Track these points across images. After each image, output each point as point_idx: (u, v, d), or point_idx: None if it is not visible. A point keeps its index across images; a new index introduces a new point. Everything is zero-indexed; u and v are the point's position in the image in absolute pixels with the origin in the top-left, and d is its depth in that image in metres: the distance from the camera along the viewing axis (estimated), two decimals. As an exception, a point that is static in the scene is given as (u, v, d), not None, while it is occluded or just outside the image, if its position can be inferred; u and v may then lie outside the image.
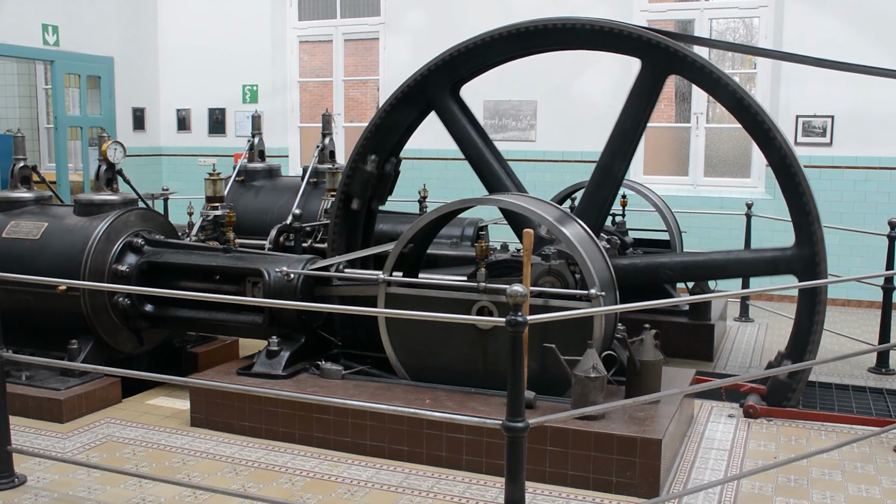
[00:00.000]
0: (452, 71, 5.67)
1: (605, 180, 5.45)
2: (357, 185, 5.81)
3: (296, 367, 5.18)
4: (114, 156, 5.80)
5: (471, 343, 4.78)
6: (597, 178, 5.47)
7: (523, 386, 3.11)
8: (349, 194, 5.83)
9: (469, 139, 5.76)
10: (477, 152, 5.75)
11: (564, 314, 3.51)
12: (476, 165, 5.77)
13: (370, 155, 5.78)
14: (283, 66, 11.82)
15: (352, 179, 5.82)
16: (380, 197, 6.00)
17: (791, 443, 4.88)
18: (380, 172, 5.85)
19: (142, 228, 5.75)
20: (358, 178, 5.80)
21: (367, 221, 6.05)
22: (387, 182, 5.96)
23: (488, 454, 4.36)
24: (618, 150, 5.42)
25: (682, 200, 9.45)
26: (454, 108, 5.75)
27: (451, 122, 5.77)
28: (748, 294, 8.59)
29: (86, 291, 5.37)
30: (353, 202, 5.83)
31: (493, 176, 5.71)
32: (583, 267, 4.55)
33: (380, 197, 6.00)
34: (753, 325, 8.19)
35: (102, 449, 4.72)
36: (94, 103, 11.25)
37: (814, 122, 9.11)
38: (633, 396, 4.44)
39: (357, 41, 12.33)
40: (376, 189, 5.91)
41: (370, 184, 5.82)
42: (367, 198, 5.88)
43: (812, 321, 5.15)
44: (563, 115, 10.14)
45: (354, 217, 5.91)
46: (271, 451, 4.69)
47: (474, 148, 5.76)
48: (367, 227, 6.12)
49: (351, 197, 5.84)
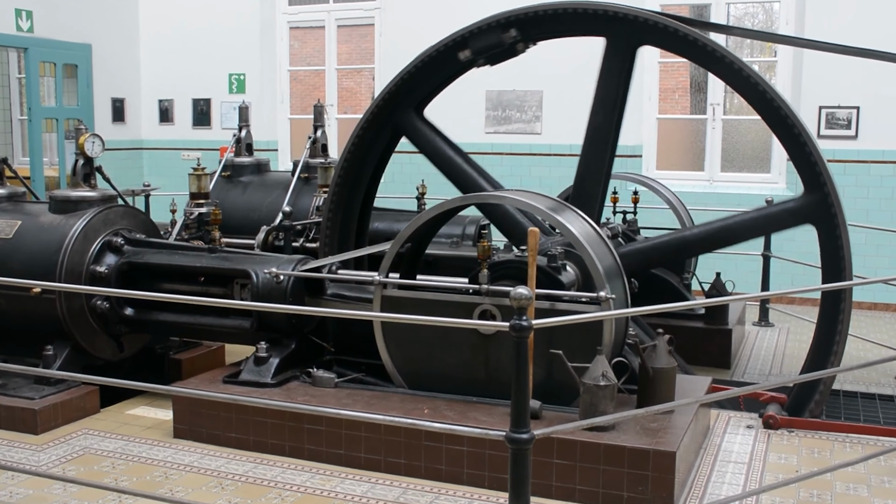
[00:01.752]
0: (410, 93, 5.82)
1: (591, 173, 5.53)
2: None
3: (286, 375, 5.17)
4: (92, 149, 5.80)
5: (472, 349, 4.78)
6: (581, 173, 5.55)
7: (528, 395, 3.12)
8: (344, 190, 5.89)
9: (443, 153, 5.92)
10: (450, 163, 5.91)
11: (572, 318, 3.51)
12: (453, 177, 5.94)
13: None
14: (272, 53, 11.82)
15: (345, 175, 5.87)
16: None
17: (814, 455, 4.88)
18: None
19: (122, 227, 5.75)
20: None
21: (361, 220, 6.07)
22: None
23: (491, 467, 4.36)
24: (600, 141, 5.47)
25: (697, 197, 9.44)
26: (422, 127, 5.92)
27: (422, 142, 5.94)
28: (768, 297, 8.59)
29: (62, 294, 5.38)
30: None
31: (470, 183, 5.85)
32: (591, 267, 4.55)
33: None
34: (774, 329, 8.20)
35: (79, 462, 4.72)
36: (70, 93, 11.26)
37: (838, 114, 9.11)
38: (645, 406, 4.43)
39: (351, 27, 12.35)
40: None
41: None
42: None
43: (836, 325, 5.16)
44: (571, 105, 10.11)
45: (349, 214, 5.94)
46: (259, 464, 4.70)
47: (448, 160, 5.92)
48: (362, 226, 6.13)
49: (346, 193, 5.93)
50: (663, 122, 10.41)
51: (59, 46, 10.95)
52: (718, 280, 7.21)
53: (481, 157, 8.40)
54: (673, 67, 12.42)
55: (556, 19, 5.44)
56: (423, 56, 5.70)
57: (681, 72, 12.78)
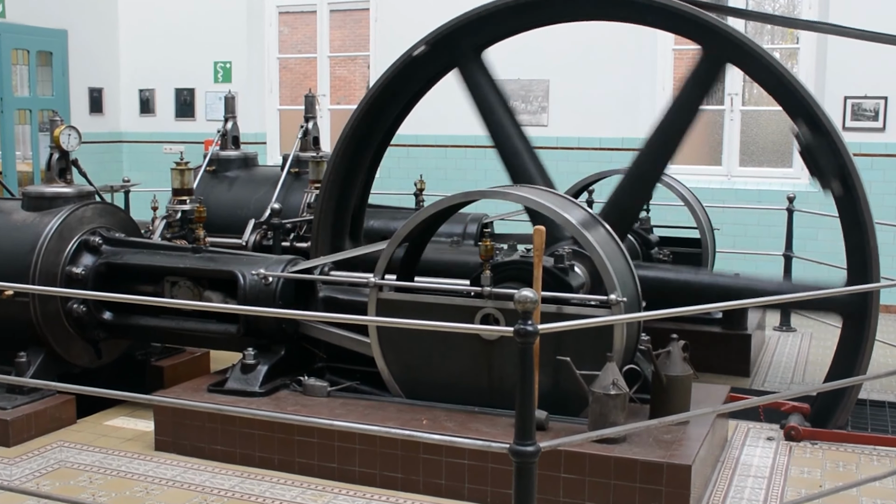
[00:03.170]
0: (478, 32, 5.67)
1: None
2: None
3: (275, 383, 5.18)
4: (67, 142, 5.80)
5: (474, 356, 4.78)
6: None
7: (534, 405, 3.12)
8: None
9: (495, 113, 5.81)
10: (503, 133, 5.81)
11: (581, 322, 3.52)
12: (497, 140, 5.84)
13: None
14: (260, 40, 11.83)
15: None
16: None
17: (838, 469, 4.88)
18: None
19: (99, 225, 5.76)
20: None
21: (355, 218, 6.07)
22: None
23: (494, 482, 4.36)
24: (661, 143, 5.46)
25: (714, 193, 9.44)
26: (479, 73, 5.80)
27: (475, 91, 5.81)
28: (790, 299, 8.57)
29: (36, 297, 5.38)
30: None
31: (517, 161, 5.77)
32: (601, 268, 4.55)
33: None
34: (796, 335, 8.20)
35: (54, 476, 4.72)
36: (44, 82, 11.25)
37: (864, 105, 9.11)
38: (658, 416, 4.43)
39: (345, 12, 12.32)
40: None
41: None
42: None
43: (862, 330, 5.16)
44: (580, 95, 10.13)
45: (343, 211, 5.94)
46: (247, 478, 4.70)
47: (499, 125, 5.82)
48: (356, 224, 6.13)
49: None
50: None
51: (33, 32, 10.95)
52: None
53: (483, 151, 8.41)
54: (688, 55, 12.37)
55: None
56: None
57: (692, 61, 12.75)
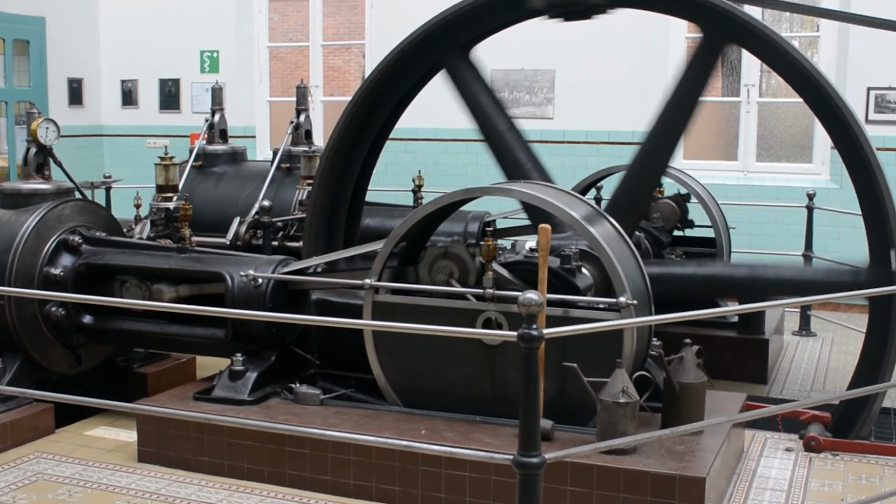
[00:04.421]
0: (459, 31, 5.70)
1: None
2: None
3: (265, 391, 5.17)
4: (45, 136, 5.80)
5: (475, 362, 4.78)
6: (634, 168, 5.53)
7: (539, 413, 3.12)
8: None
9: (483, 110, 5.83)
10: (493, 130, 5.82)
11: (589, 327, 3.52)
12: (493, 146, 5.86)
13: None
14: (249, 28, 11.83)
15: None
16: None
17: (861, 482, 4.88)
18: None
19: (79, 224, 5.75)
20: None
21: (350, 216, 6.07)
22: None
23: (496, 495, 4.36)
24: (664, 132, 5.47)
25: (729, 190, 9.45)
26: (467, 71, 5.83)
27: (463, 89, 5.85)
28: (809, 302, 8.59)
29: (11, 300, 5.37)
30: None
31: (510, 157, 5.78)
32: (610, 269, 4.55)
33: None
34: (816, 340, 8.20)
35: (31, 489, 4.71)
36: (21, 73, 11.26)
37: (888, 96, 9.12)
38: (670, 426, 4.43)
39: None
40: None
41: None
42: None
43: (886, 335, 5.16)
44: (588, 86, 10.13)
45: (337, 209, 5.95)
46: (235, 491, 4.70)
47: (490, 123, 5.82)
48: (352, 223, 6.13)
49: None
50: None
51: (9, 20, 10.94)
52: (754, 284, 7.20)
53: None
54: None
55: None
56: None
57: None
